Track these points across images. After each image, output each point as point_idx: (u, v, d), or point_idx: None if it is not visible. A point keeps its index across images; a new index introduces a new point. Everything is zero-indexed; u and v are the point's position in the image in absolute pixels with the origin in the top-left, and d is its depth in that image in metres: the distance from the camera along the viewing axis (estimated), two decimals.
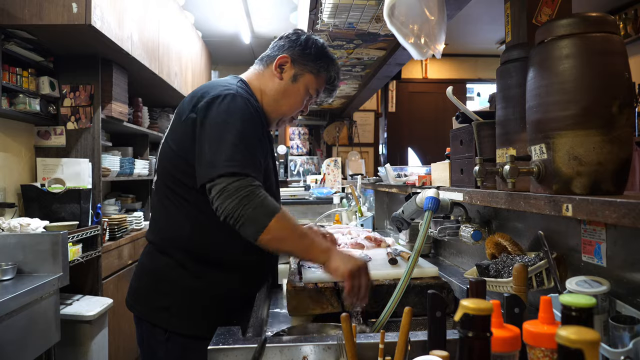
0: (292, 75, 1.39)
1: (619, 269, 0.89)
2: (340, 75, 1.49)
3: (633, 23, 4.19)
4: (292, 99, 1.40)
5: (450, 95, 1.27)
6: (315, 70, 1.40)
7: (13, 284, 1.89)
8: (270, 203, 1.14)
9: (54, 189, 2.55)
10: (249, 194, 1.11)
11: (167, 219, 1.30)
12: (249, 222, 1.11)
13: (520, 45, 1.09)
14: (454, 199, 1.33)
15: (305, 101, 1.43)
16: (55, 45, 2.66)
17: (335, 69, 1.45)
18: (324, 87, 1.45)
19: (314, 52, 1.40)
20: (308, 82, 1.40)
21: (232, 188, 1.11)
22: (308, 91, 1.41)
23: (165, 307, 1.25)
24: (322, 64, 1.40)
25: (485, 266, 1.14)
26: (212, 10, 4.38)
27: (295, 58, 1.39)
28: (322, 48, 1.42)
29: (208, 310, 1.25)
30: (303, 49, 1.39)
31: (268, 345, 0.90)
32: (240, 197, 1.10)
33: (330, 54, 1.45)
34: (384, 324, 1.10)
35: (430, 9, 1.30)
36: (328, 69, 1.42)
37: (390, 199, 2.86)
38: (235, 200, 1.10)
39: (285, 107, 1.41)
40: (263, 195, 1.13)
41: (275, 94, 1.39)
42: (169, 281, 1.27)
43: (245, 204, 1.10)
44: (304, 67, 1.39)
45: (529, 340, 0.65)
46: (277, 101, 1.40)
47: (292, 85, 1.39)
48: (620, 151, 0.80)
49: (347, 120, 5.89)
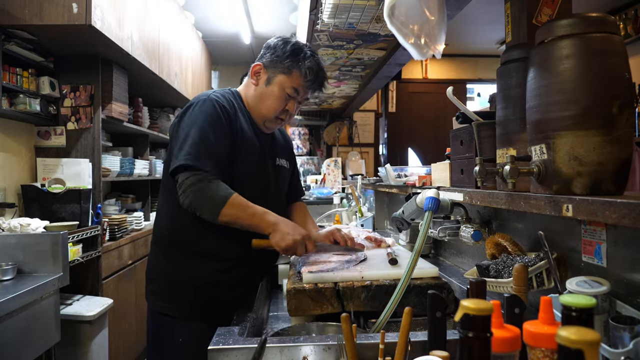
0: (265, 80, 1.52)
1: (619, 269, 0.89)
2: (319, 69, 1.52)
3: (633, 23, 4.19)
4: (268, 101, 1.51)
5: (450, 95, 1.27)
6: (285, 70, 1.49)
7: (13, 284, 1.89)
8: (222, 192, 1.33)
9: (54, 189, 2.55)
10: (201, 187, 1.32)
11: (159, 213, 1.55)
12: (205, 211, 1.34)
13: (521, 45, 1.09)
14: (454, 199, 1.33)
15: (286, 100, 1.51)
16: (56, 46, 2.66)
17: (309, 64, 1.48)
18: (302, 84, 1.50)
19: (281, 52, 1.49)
20: (282, 82, 1.49)
21: (188, 182, 1.32)
22: (285, 91, 1.50)
23: (152, 290, 1.50)
24: (291, 62, 1.48)
25: (486, 266, 1.14)
26: (212, 10, 4.39)
27: (267, 64, 1.52)
28: (292, 47, 1.49)
29: (187, 293, 1.44)
30: (272, 52, 1.51)
31: (268, 345, 0.89)
32: (194, 191, 1.32)
33: (303, 50, 1.50)
34: (384, 324, 1.10)
35: (430, 9, 1.30)
36: (299, 66, 1.48)
37: (390, 199, 2.86)
38: (191, 195, 1.32)
39: (264, 110, 1.52)
40: (214, 186, 1.33)
41: (254, 99, 1.54)
42: (155, 267, 1.52)
43: (199, 196, 1.32)
44: (274, 70, 1.50)
45: (529, 340, 0.65)
46: (256, 105, 1.54)
47: (266, 89, 1.51)
48: (621, 151, 0.80)
49: (347, 120, 5.89)
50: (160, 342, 1.47)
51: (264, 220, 1.38)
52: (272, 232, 1.37)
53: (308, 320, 1.28)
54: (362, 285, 1.25)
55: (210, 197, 1.32)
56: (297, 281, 1.29)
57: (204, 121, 1.39)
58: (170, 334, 1.43)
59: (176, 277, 1.45)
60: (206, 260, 1.45)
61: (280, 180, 1.65)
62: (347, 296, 1.24)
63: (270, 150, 1.60)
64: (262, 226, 1.38)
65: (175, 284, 1.46)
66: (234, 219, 1.35)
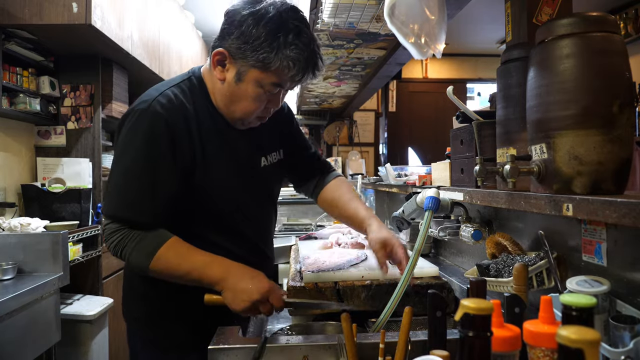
0: (234, 75, 1.11)
1: (620, 268, 0.89)
2: (311, 53, 1.10)
3: (633, 22, 4.19)
4: (243, 102, 1.13)
5: (450, 94, 1.26)
6: (259, 64, 1.06)
7: (13, 284, 1.89)
8: (144, 247, 1.05)
9: (54, 188, 2.55)
10: (120, 240, 1.06)
11: None
12: (133, 265, 1.08)
13: (521, 44, 1.09)
14: (455, 198, 1.33)
15: (266, 98, 1.13)
16: (56, 45, 2.66)
17: (293, 53, 1.06)
18: (286, 77, 1.10)
19: (252, 37, 1.05)
20: (257, 79, 1.09)
21: (108, 230, 1.08)
22: (262, 88, 1.10)
23: (135, 317, 1.26)
24: (267, 52, 1.05)
25: (486, 266, 1.14)
26: (213, 10, 4.38)
27: (233, 51, 1.08)
28: (267, 27, 1.05)
29: (183, 317, 1.20)
30: (239, 35, 1.06)
31: (268, 345, 0.90)
32: (113, 243, 1.07)
33: (284, 28, 1.05)
34: (384, 324, 1.10)
35: (430, 9, 1.30)
36: (278, 57, 1.05)
37: (390, 198, 2.86)
38: (112, 247, 1.07)
39: (238, 113, 1.15)
40: (137, 239, 1.05)
41: (222, 98, 1.15)
42: (134, 289, 1.26)
43: (120, 250, 1.06)
44: (244, 61, 1.08)
45: (530, 340, 0.65)
46: (227, 106, 1.16)
47: (237, 87, 1.11)
48: (621, 151, 0.80)
49: (347, 119, 5.88)
50: None
51: (206, 275, 1.05)
52: (222, 291, 1.04)
53: (308, 319, 1.28)
54: (362, 285, 1.25)
55: (132, 252, 1.05)
56: (297, 281, 1.29)
57: (134, 151, 1.07)
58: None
59: (168, 301, 1.20)
60: None
61: (270, 181, 1.34)
62: (347, 295, 1.24)
63: (250, 151, 1.25)
64: (205, 283, 1.06)
65: (168, 309, 1.20)
66: (166, 275, 1.06)
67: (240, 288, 1.02)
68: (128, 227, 1.07)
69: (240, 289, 1.02)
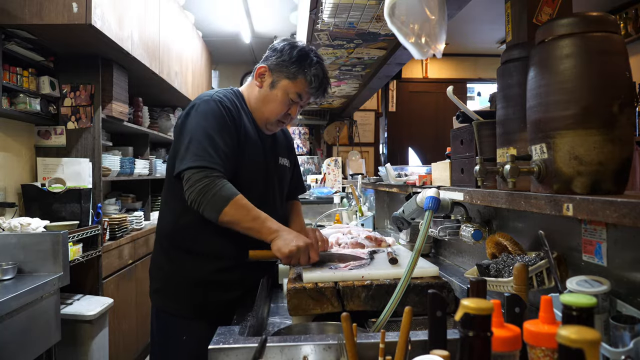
0: (270, 83, 1.52)
1: (620, 268, 0.89)
2: (324, 77, 1.53)
3: (633, 22, 4.19)
4: (271, 104, 1.52)
5: (450, 94, 1.27)
6: (291, 75, 1.49)
7: (13, 284, 1.89)
8: (227, 191, 1.32)
9: (55, 188, 2.55)
10: (208, 184, 1.31)
11: (161, 212, 1.56)
12: (209, 207, 1.31)
13: (521, 44, 1.09)
14: (455, 198, 1.33)
15: (289, 105, 1.52)
16: (56, 45, 2.66)
17: (314, 71, 1.49)
18: (306, 90, 1.51)
19: (287, 58, 1.50)
20: (286, 87, 1.50)
21: (194, 178, 1.32)
22: (288, 96, 1.51)
23: (155, 289, 1.51)
24: (297, 68, 1.49)
25: (486, 266, 1.14)
26: (213, 10, 4.38)
27: (272, 67, 1.52)
28: (299, 53, 1.50)
29: (188, 292, 1.45)
30: (278, 56, 1.51)
31: (268, 344, 0.89)
32: (200, 186, 1.31)
33: (310, 57, 1.50)
34: (384, 324, 1.10)
35: (430, 9, 1.30)
36: (304, 72, 1.49)
37: (390, 198, 2.86)
38: (197, 190, 1.31)
39: (267, 113, 1.53)
40: (220, 184, 1.32)
41: (257, 101, 1.54)
42: (157, 266, 1.53)
43: (205, 192, 1.30)
44: (280, 74, 1.51)
45: (530, 339, 0.65)
46: (259, 107, 1.54)
47: (270, 92, 1.52)
48: (621, 151, 0.80)
49: (347, 119, 5.89)
50: (164, 340, 1.48)
51: (266, 226, 1.35)
52: (273, 239, 1.34)
53: (308, 319, 1.28)
54: (362, 285, 1.25)
55: (214, 195, 1.31)
56: (297, 280, 1.29)
57: (208, 122, 1.40)
58: (174, 332, 1.45)
59: (177, 276, 1.46)
60: (206, 260, 1.45)
61: (283, 180, 1.66)
62: (347, 295, 1.24)
63: (273, 150, 1.61)
64: (263, 232, 1.35)
65: (176, 284, 1.47)
66: (236, 220, 1.33)
67: (291, 237, 1.34)
68: (213, 176, 1.32)
69: (291, 237, 1.34)
